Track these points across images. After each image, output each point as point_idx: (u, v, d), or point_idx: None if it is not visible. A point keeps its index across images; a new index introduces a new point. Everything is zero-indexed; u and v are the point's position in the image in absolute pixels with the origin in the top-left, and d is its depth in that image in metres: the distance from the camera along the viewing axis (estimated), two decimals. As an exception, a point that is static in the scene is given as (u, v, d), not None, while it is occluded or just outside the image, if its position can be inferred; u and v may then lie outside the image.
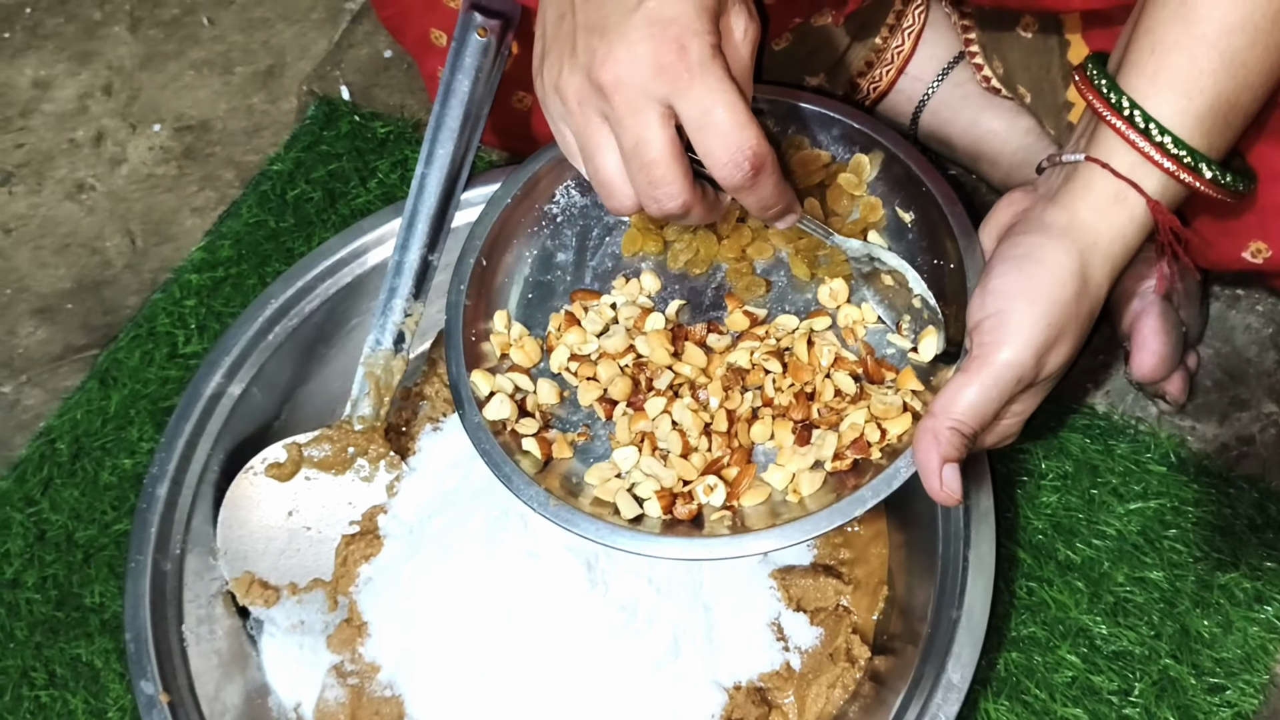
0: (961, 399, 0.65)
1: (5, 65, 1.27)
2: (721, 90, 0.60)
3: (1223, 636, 0.82)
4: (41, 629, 0.93)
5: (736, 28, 0.63)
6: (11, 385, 1.06)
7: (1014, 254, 0.66)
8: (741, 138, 0.61)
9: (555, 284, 0.84)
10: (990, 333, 0.65)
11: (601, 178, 0.65)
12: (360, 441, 0.89)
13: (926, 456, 0.66)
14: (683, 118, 0.61)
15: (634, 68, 0.60)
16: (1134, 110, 0.64)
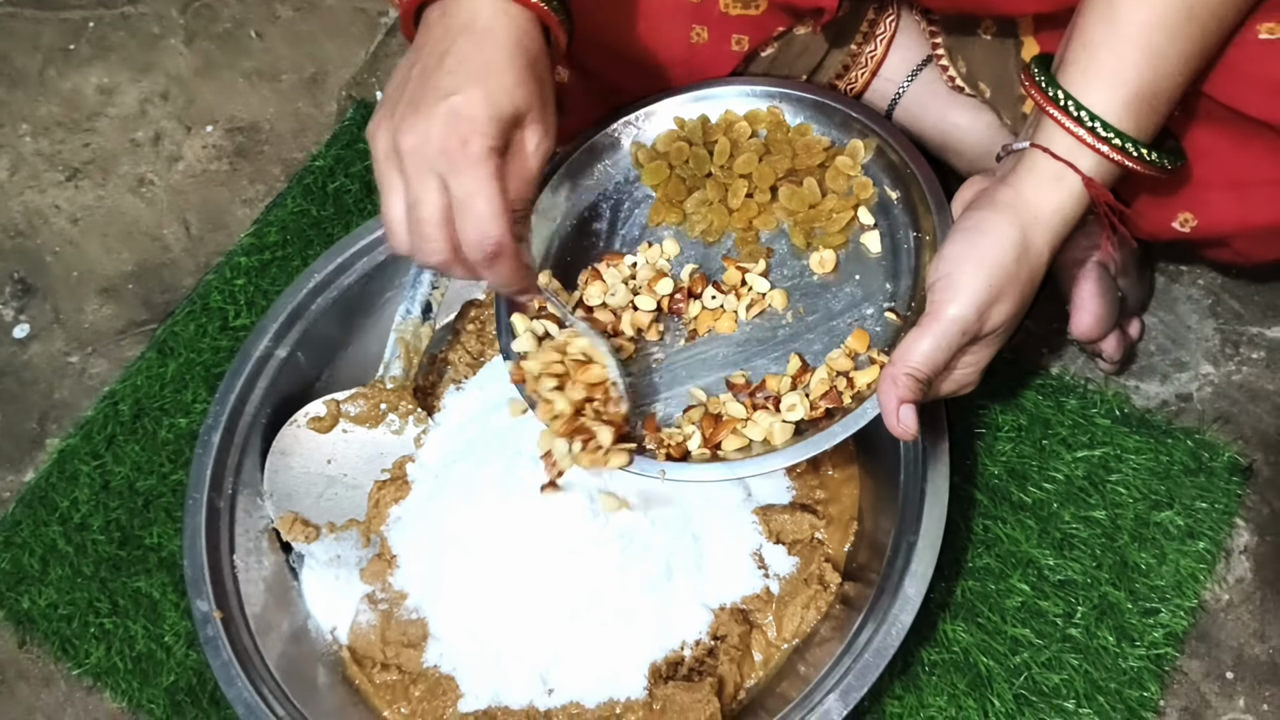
0: (915, 349, 0.75)
1: (74, 74, 1.38)
2: (484, 183, 0.71)
3: (1157, 567, 0.91)
4: (106, 565, 1.03)
5: (530, 141, 0.74)
6: (79, 355, 1.17)
7: (965, 225, 0.76)
8: (489, 226, 0.71)
9: (590, 248, 0.94)
10: (940, 292, 0.75)
11: (388, 219, 0.74)
12: (392, 399, 0.98)
13: (886, 398, 0.76)
14: (451, 194, 0.71)
15: (426, 143, 0.71)
16: (1068, 101, 0.73)
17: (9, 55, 1.41)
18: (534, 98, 0.74)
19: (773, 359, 0.86)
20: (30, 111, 1.35)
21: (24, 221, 1.26)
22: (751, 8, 0.94)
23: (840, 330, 0.86)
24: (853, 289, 0.87)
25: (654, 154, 0.96)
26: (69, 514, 1.06)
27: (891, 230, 0.89)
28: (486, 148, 0.71)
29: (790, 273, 0.90)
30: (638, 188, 0.95)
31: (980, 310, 0.74)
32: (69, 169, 1.30)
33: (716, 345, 0.88)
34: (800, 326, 0.87)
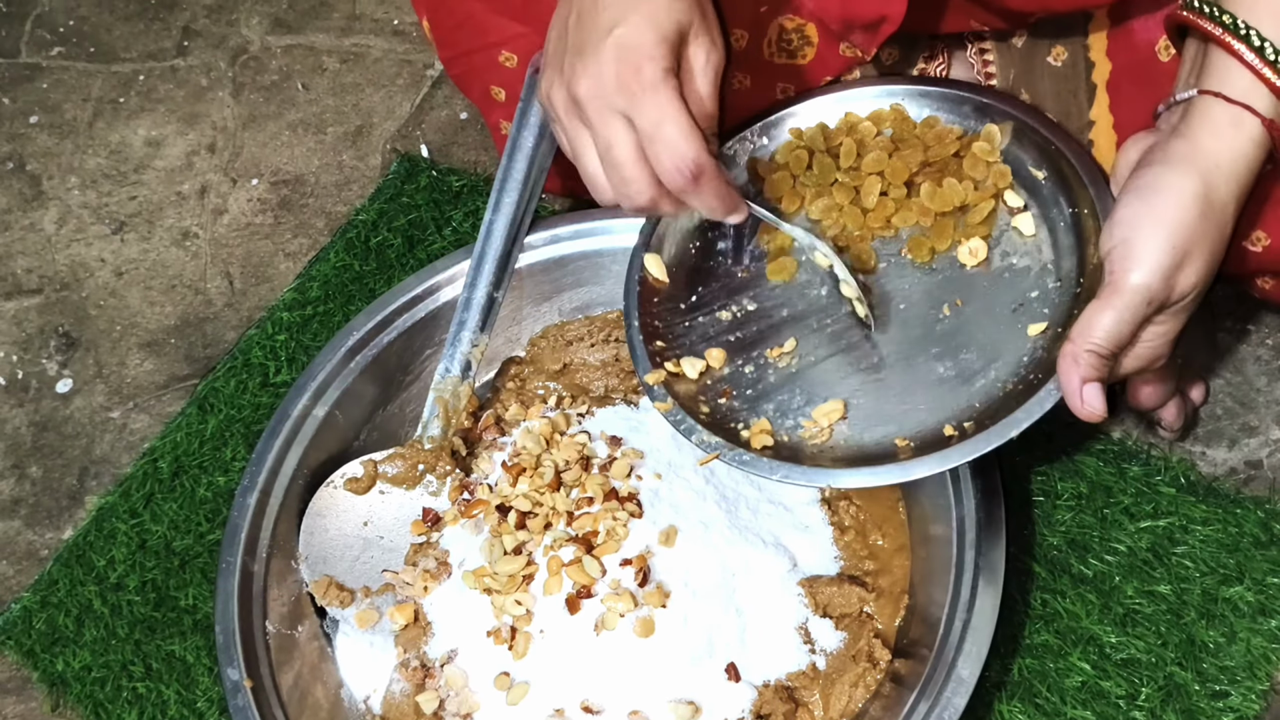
0: (1097, 323, 0.70)
1: (122, 126, 1.39)
2: (669, 107, 0.69)
3: (1227, 646, 0.87)
4: (140, 627, 1.02)
5: (698, 57, 0.72)
6: (120, 410, 1.17)
7: (1138, 185, 0.71)
8: (684, 148, 0.70)
9: (716, 269, 0.92)
10: (1119, 260, 0.70)
11: (587, 174, 0.74)
12: (429, 459, 0.96)
13: (1067, 378, 0.72)
14: (638, 128, 0.70)
15: (600, 84, 0.70)
16: (1249, 31, 0.67)
17: (60, 107, 1.42)
18: (693, 11, 0.72)
19: (933, 355, 0.83)
20: (79, 163, 1.36)
21: (69, 274, 1.27)
22: (798, 57, 0.91)
23: (1005, 317, 0.82)
24: (1012, 274, 0.84)
25: (774, 165, 0.93)
26: (105, 573, 1.05)
27: (1044, 210, 0.85)
28: (661, 70, 0.70)
29: (940, 266, 0.86)
30: (760, 201, 0.92)
31: (1166, 275, 0.69)
32: (115, 221, 1.31)
33: (866, 346, 0.86)
34: (960, 319, 0.83)
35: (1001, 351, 0.81)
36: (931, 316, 0.84)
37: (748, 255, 0.91)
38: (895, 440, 0.80)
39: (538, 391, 1.04)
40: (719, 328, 0.89)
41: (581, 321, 1.06)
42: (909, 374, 0.83)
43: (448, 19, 0.92)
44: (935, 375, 0.82)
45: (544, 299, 1.05)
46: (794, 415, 0.84)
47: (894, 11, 0.84)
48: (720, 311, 0.90)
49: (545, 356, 1.05)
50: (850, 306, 0.86)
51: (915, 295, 0.86)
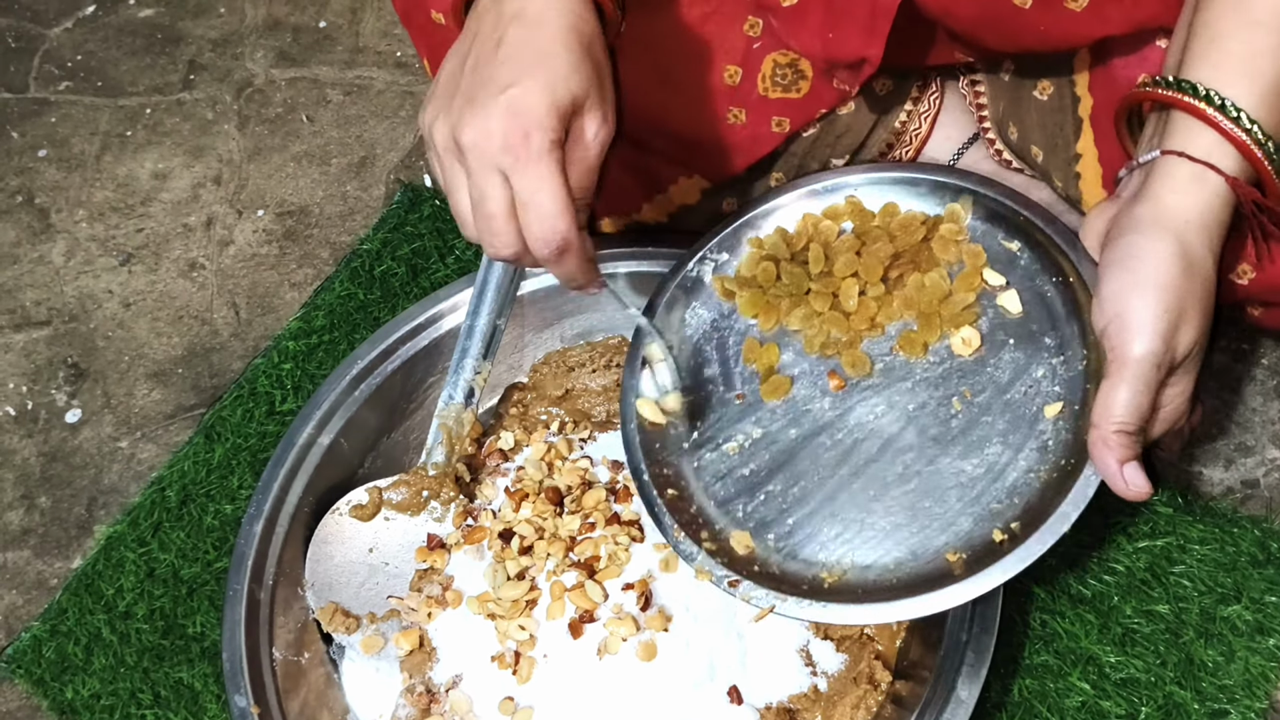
0: (1115, 403, 0.70)
1: (129, 159, 1.41)
2: (548, 179, 0.70)
3: (1225, 665, 0.87)
4: (149, 655, 1.03)
5: (589, 129, 0.73)
6: (128, 440, 1.18)
7: (1116, 257, 0.71)
8: (554, 222, 0.70)
9: (710, 397, 0.90)
10: (1117, 335, 0.70)
11: (457, 211, 0.74)
12: (434, 485, 0.97)
13: (1105, 464, 0.71)
14: (514, 192, 0.70)
15: (486, 139, 0.70)
16: (1209, 92, 0.67)
17: (68, 141, 1.44)
18: (590, 83, 0.72)
19: (957, 455, 0.81)
20: (87, 196, 1.38)
21: (78, 306, 1.28)
22: (793, 91, 0.92)
23: (1017, 402, 0.81)
24: (1012, 355, 0.83)
25: (742, 281, 0.92)
26: (114, 602, 1.06)
27: (1027, 283, 0.85)
28: (548, 141, 0.70)
29: (937, 359, 0.85)
30: (736, 320, 0.92)
31: (1166, 338, 0.69)
32: (123, 253, 1.32)
33: (887, 455, 0.84)
34: (974, 411, 0.82)
35: (1025, 439, 0.80)
36: (944, 414, 0.83)
37: (739, 379, 0.90)
38: (946, 556, 0.78)
39: (540, 417, 1.05)
40: (730, 462, 0.87)
41: (583, 347, 1.07)
42: (938, 479, 0.81)
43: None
44: (965, 476, 0.80)
45: (546, 325, 1.06)
46: (835, 549, 0.82)
47: (873, 54, 0.84)
48: (726, 444, 0.88)
49: (547, 383, 1.06)
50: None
51: (921, 395, 0.84)
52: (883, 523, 0.81)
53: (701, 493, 0.87)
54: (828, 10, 0.85)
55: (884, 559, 0.80)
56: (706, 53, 0.91)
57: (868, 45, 0.84)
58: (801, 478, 0.85)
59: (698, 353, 0.91)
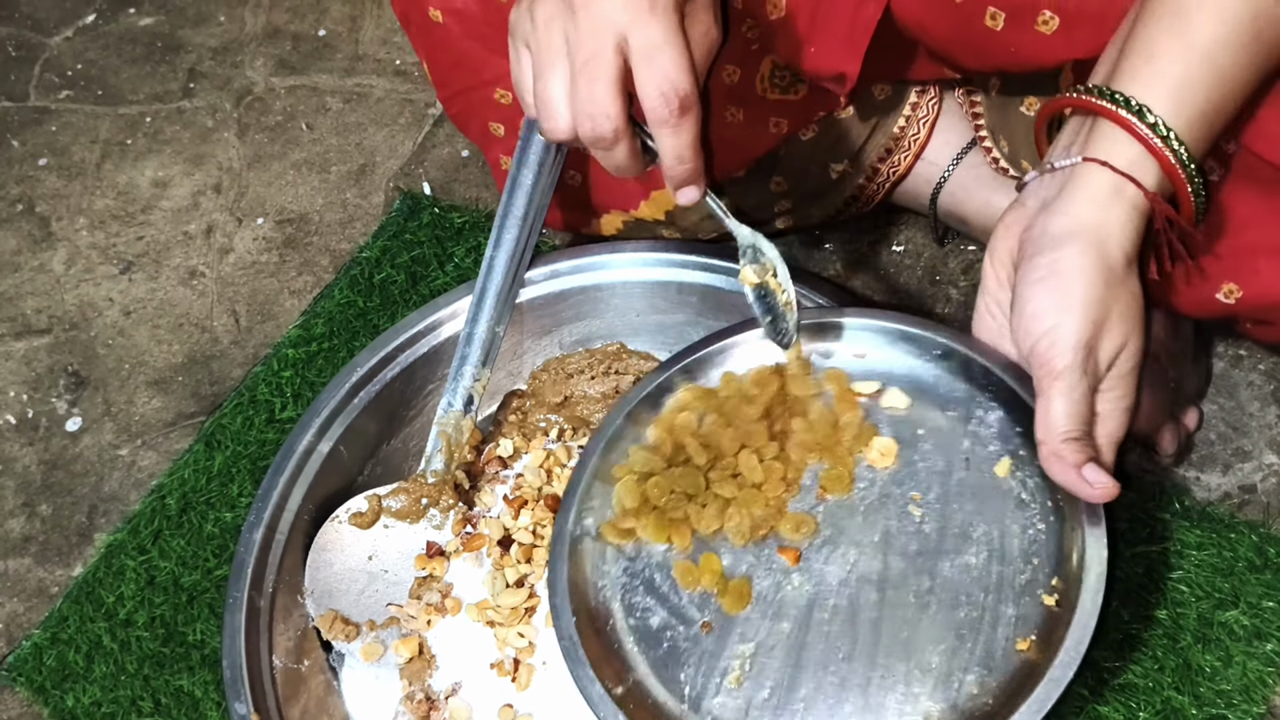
0: (1055, 416, 0.70)
1: (129, 168, 1.41)
2: (672, 35, 0.67)
3: (1223, 670, 0.87)
4: (149, 663, 1.03)
5: (703, 19, 0.70)
6: (129, 448, 1.18)
7: (1035, 277, 0.70)
8: (677, 77, 0.67)
9: (674, 644, 0.79)
10: (1043, 354, 0.70)
11: (545, 96, 0.70)
12: (433, 493, 0.97)
13: (1064, 475, 0.70)
14: (632, 48, 0.67)
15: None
16: (1141, 106, 0.67)
17: (68, 149, 1.44)
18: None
19: (952, 553, 0.77)
20: (87, 204, 1.38)
21: (78, 314, 1.28)
22: (791, 92, 0.93)
23: (968, 479, 0.78)
24: (932, 443, 0.81)
25: (630, 513, 0.82)
26: (114, 610, 1.06)
27: (908, 376, 0.82)
28: (673, 2, 0.67)
29: (866, 483, 0.81)
30: (647, 555, 0.82)
31: (1089, 348, 0.69)
32: (123, 261, 1.32)
33: (891, 591, 0.77)
34: (936, 507, 0.78)
35: (1001, 505, 0.77)
36: (911, 526, 0.78)
37: (693, 608, 0.79)
38: (1018, 646, 0.73)
39: (539, 424, 1.06)
40: (745, 696, 0.76)
41: (581, 354, 1.07)
42: (954, 585, 0.76)
43: (444, 58, 0.94)
44: (975, 568, 0.76)
45: (544, 333, 1.06)
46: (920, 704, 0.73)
47: (850, 70, 0.84)
48: (726, 679, 0.76)
49: (546, 389, 1.07)
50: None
51: (878, 522, 0.79)
52: (936, 655, 0.74)
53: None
54: (810, 24, 0.85)
55: (965, 682, 0.73)
56: None
57: (846, 60, 0.84)
58: (830, 662, 0.75)
59: (631, 611, 0.80)
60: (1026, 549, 0.76)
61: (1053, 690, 0.69)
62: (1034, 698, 0.69)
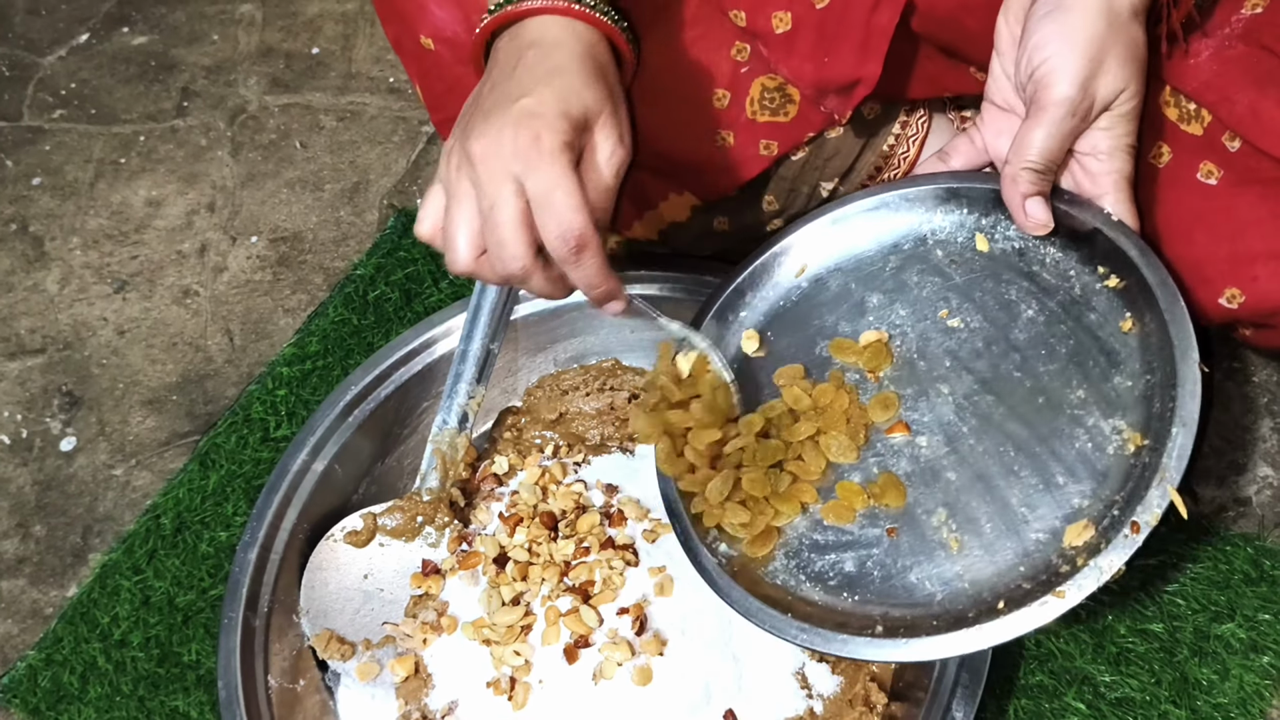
0: (1028, 144, 0.74)
1: (123, 187, 1.41)
2: (562, 177, 0.70)
3: (1220, 683, 0.87)
4: (145, 683, 1.03)
5: (603, 148, 0.73)
6: (123, 468, 1.18)
7: (1043, 11, 0.74)
8: (572, 218, 0.70)
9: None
10: (1040, 81, 0.73)
11: (452, 231, 0.73)
12: (428, 511, 0.97)
13: (1009, 197, 0.77)
14: (529, 195, 0.70)
15: (498, 146, 0.70)
16: None
17: (62, 169, 1.44)
18: (603, 100, 0.73)
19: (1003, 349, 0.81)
20: (81, 224, 1.38)
21: (72, 334, 1.28)
22: (780, 115, 0.93)
23: (975, 274, 0.83)
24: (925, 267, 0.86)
25: (750, 517, 0.82)
26: (109, 630, 1.06)
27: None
28: (560, 142, 0.70)
29: (898, 341, 0.84)
30: (795, 528, 0.82)
31: (1084, 85, 0.72)
32: (117, 281, 1.32)
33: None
34: (969, 312, 0.83)
35: (1021, 285, 0.81)
36: (963, 335, 0.82)
37: (871, 527, 0.80)
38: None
39: (534, 441, 1.05)
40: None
41: (576, 371, 1.07)
42: (1034, 367, 0.79)
43: (437, 84, 0.94)
44: (1047, 336, 0.80)
45: (539, 349, 1.06)
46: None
47: (868, 74, 0.85)
48: (935, 563, 0.78)
49: (541, 406, 1.07)
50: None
51: (933, 353, 0.83)
52: (1076, 393, 0.77)
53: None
54: (820, 35, 0.86)
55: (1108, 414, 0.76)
56: (695, 76, 0.91)
57: (862, 66, 0.85)
58: (1008, 464, 0.77)
59: (822, 579, 0.80)
60: (1076, 298, 0.80)
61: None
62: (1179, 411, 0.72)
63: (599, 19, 0.76)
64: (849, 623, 0.76)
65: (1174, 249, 0.77)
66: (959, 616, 0.73)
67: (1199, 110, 0.77)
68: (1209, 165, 0.76)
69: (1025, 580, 0.72)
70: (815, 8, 0.86)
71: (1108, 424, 0.75)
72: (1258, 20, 0.74)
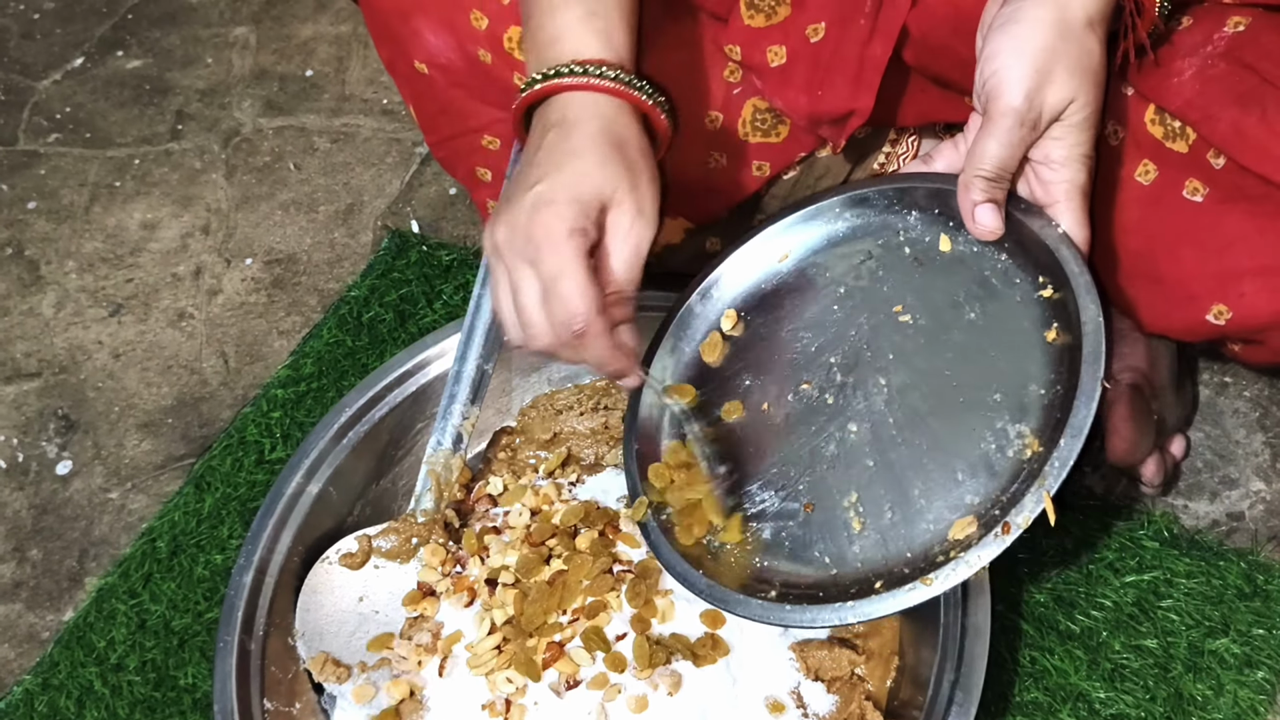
0: (981, 153, 0.76)
1: (118, 210, 1.42)
2: (567, 263, 0.72)
3: (1214, 699, 0.87)
4: (141, 708, 1.02)
5: (620, 224, 0.76)
6: (119, 491, 1.18)
7: (999, 24, 0.75)
8: (574, 304, 0.73)
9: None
10: (990, 92, 0.75)
11: (497, 309, 0.78)
12: (423, 532, 0.97)
13: (962, 202, 0.79)
14: (541, 280, 0.74)
15: (514, 233, 0.74)
16: None
17: (57, 192, 1.45)
18: (619, 178, 0.75)
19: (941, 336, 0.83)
20: (76, 248, 1.38)
21: (67, 357, 1.29)
22: (773, 135, 0.94)
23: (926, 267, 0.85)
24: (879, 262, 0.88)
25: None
26: (105, 654, 1.06)
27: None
28: (566, 229, 0.73)
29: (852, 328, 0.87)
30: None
31: (1029, 96, 0.73)
32: (112, 304, 1.32)
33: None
34: (916, 306, 0.86)
35: (965, 273, 0.83)
36: (908, 329, 0.84)
37: (795, 498, 0.86)
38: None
39: (529, 461, 1.06)
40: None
41: (570, 390, 1.07)
42: (963, 351, 0.82)
43: (430, 106, 0.95)
44: (978, 322, 0.82)
45: (533, 369, 1.07)
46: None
47: (862, 106, 0.86)
48: (840, 541, 0.83)
49: (535, 426, 1.07)
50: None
51: (881, 343, 0.86)
52: (996, 387, 0.79)
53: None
54: (814, 68, 0.87)
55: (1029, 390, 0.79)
56: (688, 98, 0.92)
57: (856, 98, 0.86)
58: (920, 454, 0.81)
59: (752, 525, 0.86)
60: (1008, 278, 0.82)
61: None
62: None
63: (624, 91, 0.78)
64: (749, 585, 0.82)
65: (1161, 266, 0.78)
66: (843, 590, 0.78)
67: (1183, 128, 0.77)
68: (1194, 182, 0.76)
69: (906, 566, 0.77)
70: (810, 41, 0.87)
71: (1014, 429, 0.77)
72: (1240, 39, 0.75)
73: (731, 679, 0.88)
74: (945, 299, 0.84)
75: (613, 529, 0.95)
